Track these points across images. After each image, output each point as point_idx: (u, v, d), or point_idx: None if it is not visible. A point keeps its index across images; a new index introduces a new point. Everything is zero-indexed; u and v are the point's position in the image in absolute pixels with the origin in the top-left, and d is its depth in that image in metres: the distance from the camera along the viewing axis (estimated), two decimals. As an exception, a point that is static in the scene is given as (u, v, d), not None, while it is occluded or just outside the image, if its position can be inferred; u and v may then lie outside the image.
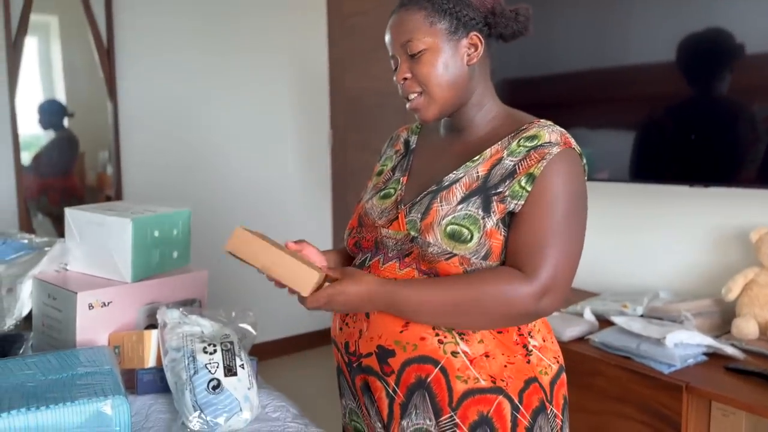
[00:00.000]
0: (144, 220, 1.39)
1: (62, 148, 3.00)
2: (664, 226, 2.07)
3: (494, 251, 1.04)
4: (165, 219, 1.45)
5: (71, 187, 3.04)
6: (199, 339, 1.27)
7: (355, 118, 3.35)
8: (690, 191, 1.87)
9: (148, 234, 1.41)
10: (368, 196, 1.24)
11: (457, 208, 1.04)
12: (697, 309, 1.80)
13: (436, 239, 1.04)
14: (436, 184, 1.10)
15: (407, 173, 1.20)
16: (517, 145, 1.06)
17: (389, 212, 1.14)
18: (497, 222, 1.03)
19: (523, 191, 1.02)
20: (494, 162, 1.06)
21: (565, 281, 1.02)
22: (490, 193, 1.04)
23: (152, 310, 1.41)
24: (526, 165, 1.03)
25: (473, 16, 1.08)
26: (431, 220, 1.05)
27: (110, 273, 1.39)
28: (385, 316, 1.07)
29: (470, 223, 1.03)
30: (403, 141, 1.29)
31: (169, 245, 1.47)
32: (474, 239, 1.02)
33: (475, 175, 1.07)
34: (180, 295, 1.47)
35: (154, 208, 1.48)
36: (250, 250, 1.05)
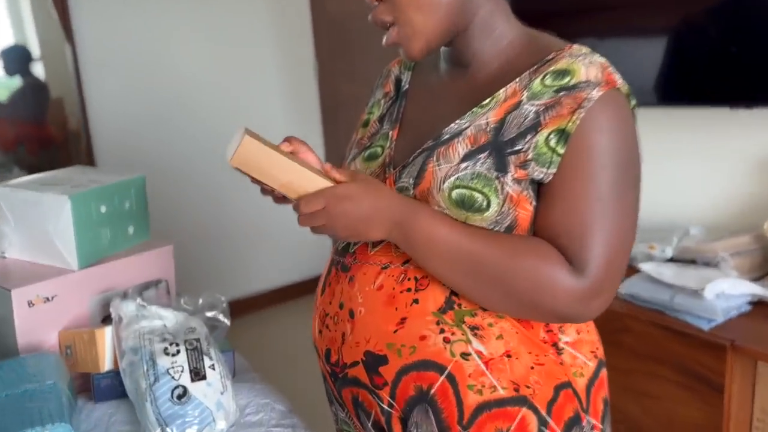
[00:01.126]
0: (86, 195, 1.17)
1: (31, 95, 2.77)
2: (695, 153, 1.82)
3: (521, 224, 0.81)
4: (113, 190, 1.23)
5: (48, 136, 2.84)
6: (159, 337, 1.07)
7: (341, 44, 3.04)
8: (726, 114, 1.61)
9: (93, 210, 1.18)
10: (350, 156, 1.00)
11: (460, 167, 0.81)
12: (735, 248, 1.59)
13: (439, 209, 0.82)
14: (432, 139, 0.86)
15: (398, 124, 0.96)
16: (541, 84, 0.81)
17: (377, 177, 0.91)
18: (522, 184, 0.79)
19: (553, 155, 0.78)
20: (510, 107, 0.82)
21: (619, 275, 0.80)
22: (504, 150, 0.80)
23: (107, 299, 1.20)
24: (555, 115, 0.78)
25: None
26: (427, 185, 0.83)
27: (53, 260, 1.18)
28: (374, 313, 0.85)
29: (482, 184, 0.79)
30: (394, 80, 1.03)
31: (122, 220, 1.25)
32: (493, 206, 0.79)
33: (483, 125, 0.82)
34: (141, 277, 1.26)
35: (101, 178, 1.25)
36: (260, 164, 0.83)
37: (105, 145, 2.73)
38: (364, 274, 0.88)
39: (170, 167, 2.86)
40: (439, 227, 0.80)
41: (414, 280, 0.84)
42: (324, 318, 0.93)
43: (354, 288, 0.88)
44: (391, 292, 0.85)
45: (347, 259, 0.91)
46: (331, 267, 0.96)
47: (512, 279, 0.78)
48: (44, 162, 2.79)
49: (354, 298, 0.88)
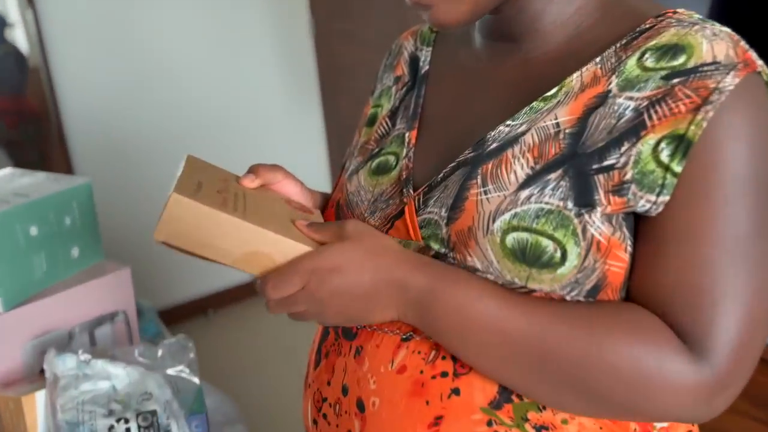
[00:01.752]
0: (8, 215, 0.90)
1: (8, 65, 2.49)
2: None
3: (612, 282, 0.55)
4: (46, 205, 0.95)
5: (29, 109, 2.57)
6: (104, 408, 0.81)
7: (339, 2, 2.71)
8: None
9: (20, 234, 0.92)
10: (352, 166, 0.73)
11: (519, 197, 0.56)
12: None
13: (486, 261, 0.56)
14: (472, 148, 0.61)
15: (417, 123, 0.69)
16: (638, 65, 0.55)
17: (388, 201, 0.65)
18: (615, 222, 0.54)
19: (666, 174, 0.52)
20: (592, 100, 0.56)
21: (756, 357, 0.54)
22: (588, 168, 0.54)
23: (47, 343, 0.95)
24: (667, 114, 0.53)
25: None
26: (468, 222, 0.57)
27: (-28, 299, 0.92)
28: (395, 407, 0.59)
29: (554, 225, 0.54)
30: (409, 58, 0.76)
31: (62, 241, 0.98)
32: (571, 258, 0.54)
33: (551, 129, 0.57)
34: (92, 311, 1.00)
35: (32, 188, 0.97)
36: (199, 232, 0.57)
37: (77, 120, 2.45)
38: (376, 346, 0.62)
39: (149, 144, 2.58)
40: (477, 303, 0.54)
41: (451, 360, 0.58)
42: (320, 403, 0.67)
43: (363, 367, 0.62)
44: (418, 377, 0.59)
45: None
46: (327, 328, 0.69)
47: (598, 374, 0.52)
48: (24, 136, 2.56)
49: (364, 383, 0.62)
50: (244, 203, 0.60)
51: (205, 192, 0.58)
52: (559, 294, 0.55)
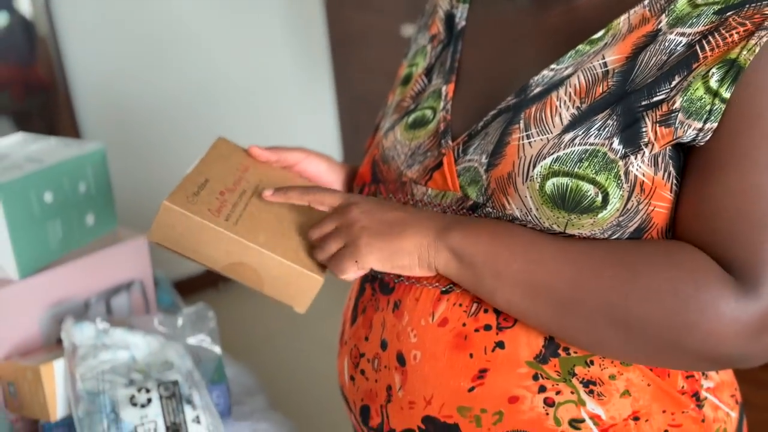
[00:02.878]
0: (22, 183, 0.87)
1: (16, 34, 2.44)
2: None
3: (657, 223, 0.54)
4: (60, 171, 0.93)
5: (37, 79, 2.53)
6: (124, 378, 0.79)
7: (351, -34, 2.64)
8: None
9: (34, 201, 0.89)
10: (387, 124, 0.72)
11: (563, 140, 0.54)
12: None
13: (525, 208, 0.55)
14: (515, 94, 0.59)
15: (454, 77, 0.67)
16: (689, 3, 0.53)
17: (426, 154, 0.64)
18: (658, 160, 0.52)
19: (714, 100, 0.50)
20: (641, 40, 0.54)
21: None
22: (636, 104, 0.52)
23: (63, 312, 0.93)
24: (719, 43, 0.50)
25: None
26: (508, 167, 0.56)
27: (-13, 267, 0.90)
28: (437, 360, 0.59)
29: (597, 168, 0.52)
30: (444, 16, 0.73)
31: (77, 209, 0.96)
32: (612, 203, 0.52)
33: (599, 70, 0.55)
34: (108, 281, 0.98)
35: (46, 154, 0.95)
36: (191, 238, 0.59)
37: (85, 89, 2.41)
38: (416, 299, 0.61)
39: (159, 113, 2.54)
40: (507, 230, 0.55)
41: (494, 312, 0.58)
42: (357, 359, 0.66)
43: (402, 320, 0.61)
44: (460, 329, 0.58)
45: (388, 275, 0.64)
46: (364, 283, 0.68)
47: (634, 299, 0.50)
48: (33, 107, 2.53)
49: (404, 336, 0.61)
50: (243, 208, 0.62)
51: (203, 196, 0.60)
52: (600, 237, 0.54)
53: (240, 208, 0.62)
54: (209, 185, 0.63)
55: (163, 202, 0.58)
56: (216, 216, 0.59)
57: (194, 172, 0.64)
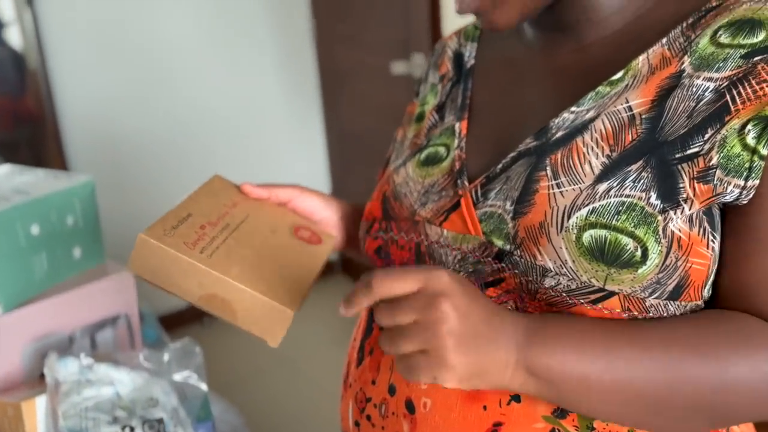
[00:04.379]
0: (8, 214, 0.86)
1: (4, 65, 2.44)
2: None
3: (695, 280, 0.52)
4: (48, 204, 0.92)
5: (26, 110, 2.53)
6: (108, 414, 0.78)
7: (340, 4, 2.69)
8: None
9: (21, 232, 0.88)
10: (399, 160, 0.70)
11: (597, 191, 0.52)
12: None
13: (560, 260, 0.52)
14: (535, 135, 0.58)
15: (467, 113, 0.67)
16: (711, 44, 0.53)
17: (440, 193, 0.62)
18: (694, 217, 0.51)
19: (754, 157, 0.49)
20: (665, 83, 0.53)
21: None
22: (670, 156, 0.51)
23: (47, 347, 0.91)
24: (752, 95, 0.50)
25: None
26: (540, 217, 0.54)
27: (-31, 300, 0.88)
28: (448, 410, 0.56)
29: (635, 222, 0.51)
30: (453, 55, 0.74)
31: (64, 241, 0.95)
32: (651, 258, 0.51)
33: (624, 114, 0.54)
34: (93, 315, 0.97)
35: (33, 186, 0.94)
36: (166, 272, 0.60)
37: (74, 122, 2.41)
38: None
39: (148, 150, 2.54)
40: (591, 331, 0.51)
41: None
42: (364, 403, 0.64)
43: None
44: None
45: None
46: (372, 323, 0.66)
47: (736, 401, 0.50)
48: (21, 138, 2.53)
49: (414, 383, 0.59)
50: (221, 242, 0.62)
51: (181, 229, 0.61)
52: (641, 295, 0.52)
53: (218, 241, 0.62)
54: (191, 219, 0.64)
55: (140, 234, 0.59)
56: (190, 249, 0.60)
57: (180, 206, 0.65)
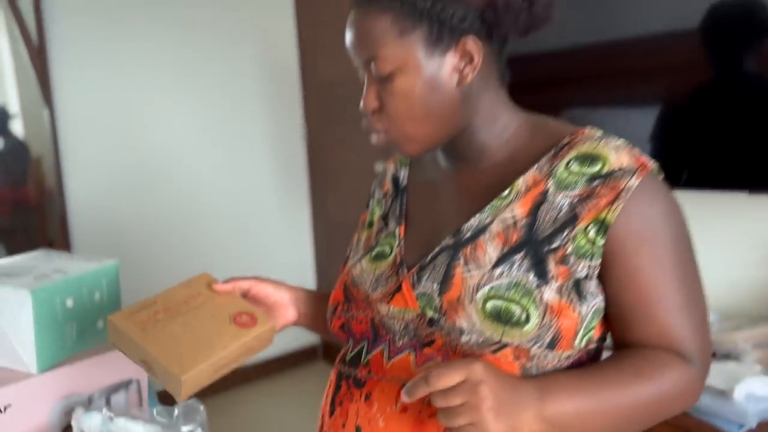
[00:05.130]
0: (50, 289, 1.03)
1: (11, 156, 2.66)
2: (714, 238, 1.73)
3: (565, 335, 0.73)
4: (81, 282, 1.09)
5: (24, 199, 2.72)
6: (126, 459, 0.92)
7: (331, 111, 2.97)
8: (745, 199, 1.54)
9: (58, 305, 1.05)
10: (356, 257, 0.93)
11: (494, 274, 0.74)
12: (755, 339, 1.48)
13: (471, 323, 0.73)
14: (451, 235, 0.80)
15: (403, 220, 0.90)
16: (566, 170, 0.76)
17: (387, 280, 0.83)
18: (561, 290, 0.73)
19: (594, 247, 0.73)
20: (537, 198, 0.77)
21: (710, 339, 0.79)
22: (542, 249, 0.74)
23: (70, 404, 1.06)
24: (592, 207, 0.74)
25: (463, 14, 0.76)
26: (457, 293, 0.75)
27: (9, 362, 1.03)
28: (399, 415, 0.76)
29: (520, 294, 0.73)
30: (391, 178, 0.99)
31: (91, 314, 1.11)
32: (532, 320, 0.72)
33: (511, 221, 0.77)
34: (109, 378, 1.12)
35: (68, 266, 1.12)
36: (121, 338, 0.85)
37: (80, 212, 2.60)
38: (382, 391, 0.78)
39: (147, 238, 2.72)
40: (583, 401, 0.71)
41: None
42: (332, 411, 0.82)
43: (372, 409, 0.78)
44: (418, 415, 0.75)
45: (360, 372, 0.82)
46: (340, 381, 0.84)
47: (660, 405, 0.74)
48: (18, 225, 2.69)
49: (374, 422, 0.78)
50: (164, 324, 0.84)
51: (141, 314, 0.86)
52: (526, 346, 0.72)
53: (161, 323, 0.85)
54: (153, 307, 0.87)
55: (108, 316, 0.83)
56: (136, 328, 0.82)
57: (156, 295, 0.89)
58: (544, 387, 0.69)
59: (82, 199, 2.59)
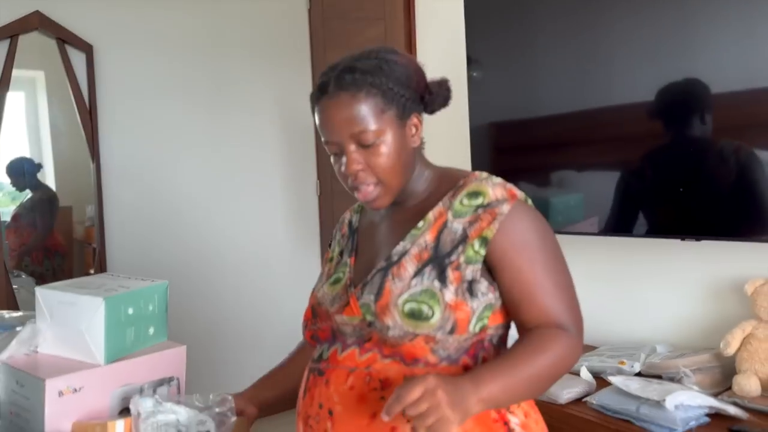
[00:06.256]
0: (118, 299, 1.33)
1: (41, 205, 2.91)
2: (657, 277, 2.02)
3: (460, 324, 0.99)
4: (140, 295, 1.39)
5: (54, 245, 2.98)
6: (174, 428, 1.20)
7: (341, 168, 3.32)
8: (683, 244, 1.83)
9: (122, 312, 1.34)
10: (320, 284, 1.20)
11: (411, 284, 1.00)
12: (696, 364, 1.74)
13: (394, 321, 0.99)
14: (384, 260, 1.06)
15: (353, 253, 1.17)
16: (460, 204, 1.04)
17: (341, 297, 1.09)
18: (457, 291, 0.99)
19: (478, 256, 1.00)
20: (440, 226, 1.04)
21: (579, 308, 1.03)
22: (444, 262, 1.01)
23: (126, 392, 1.34)
24: (477, 228, 1.01)
25: (413, 97, 1.06)
26: (386, 300, 1.01)
27: (82, 355, 1.32)
28: (349, 409, 1.01)
29: (428, 297, 0.99)
30: (347, 222, 1.26)
31: (145, 322, 1.41)
32: (436, 315, 0.98)
33: (423, 244, 1.03)
34: (156, 374, 1.40)
35: (129, 284, 1.42)
36: None
37: (116, 252, 2.91)
38: (337, 376, 1.04)
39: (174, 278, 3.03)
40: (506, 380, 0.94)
41: (378, 382, 1.01)
42: (307, 419, 1.09)
43: (330, 389, 1.04)
44: (361, 391, 1.01)
45: (322, 365, 1.08)
46: (309, 374, 1.12)
47: (554, 370, 0.99)
48: (48, 270, 2.93)
49: (331, 398, 1.04)
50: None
51: None
52: (433, 334, 0.98)
53: None
54: None
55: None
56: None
57: None
58: (475, 377, 0.91)
59: (117, 238, 2.91)
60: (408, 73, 1.05)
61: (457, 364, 1.01)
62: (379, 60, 1.03)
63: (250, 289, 3.23)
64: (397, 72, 1.03)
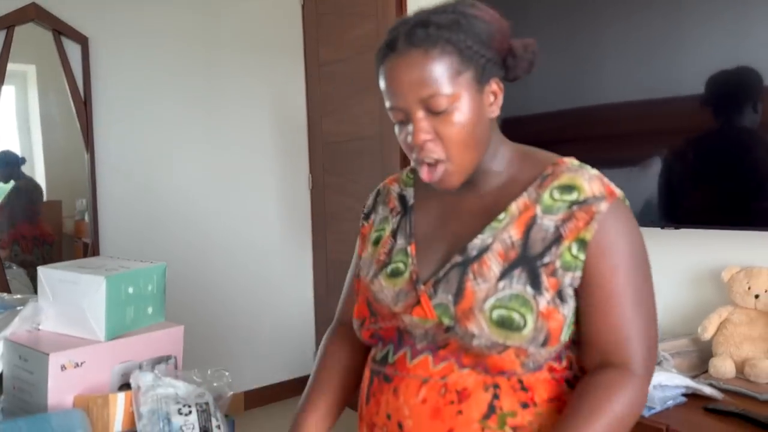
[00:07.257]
0: (118, 278, 1.38)
1: (25, 196, 2.96)
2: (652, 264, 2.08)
3: (553, 334, 0.87)
4: (140, 275, 1.44)
5: (42, 234, 3.01)
6: (173, 400, 1.25)
7: (332, 161, 3.37)
8: (664, 233, 1.89)
9: (123, 291, 1.39)
10: (370, 273, 1.02)
11: (498, 287, 0.87)
12: (675, 349, 1.81)
13: (481, 329, 0.86)
14: (459, 253, 0.92)
15: (413, 238, 0.99)
16: (550, 198, 0.91)
17: (406, 295, 0.95)
18: (553, 299, 0.87)
19: (577, 261, 0.88)
20: (528, 221, 0.90)
21: (656, 349, 0.93)
22: (535, 264, 0.88)
23: (126, 368, 1.38)
24: (573, 228, 0.88)
25: (494, 59, 0.90)
26: (469, 303, 0.87)
27: (83, 332, 1.37)
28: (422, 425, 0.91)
29: (519, 304, 0.86)
30: (397, 196, 1.08)
31: (144, 301, 1.45)
32: (528, 325, 0.85)
33: (508, 241, 0.90)
34: (155, 352, 1.44)
35: (129, 264, 1.47)
36: None
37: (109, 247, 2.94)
38: (407, 386, 0.93)
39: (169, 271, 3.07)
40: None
41: (455, 393, 0.90)
42: (372, 428, 0.99)
43: (399, 400, 0.93)
44: (435, 405, 0.90)
45: (388, 370, 0.96)
46: (373, 377, 1.00)
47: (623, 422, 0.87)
48: (38, 259, 2.97)
49: (400, 410, 0.93)
50: None
51: None
52: (525, 347, 0.86)
53: None
54: None
55: None
56: None
57: None
58: None
59: (111, 231, 2.94)
60: (490, 31, 0.89)
61: (542, 369, 0.91)
62: (458, 14, 0.88)
63: (244, 282, 3.28)
64: (478, 28, 0.87)
